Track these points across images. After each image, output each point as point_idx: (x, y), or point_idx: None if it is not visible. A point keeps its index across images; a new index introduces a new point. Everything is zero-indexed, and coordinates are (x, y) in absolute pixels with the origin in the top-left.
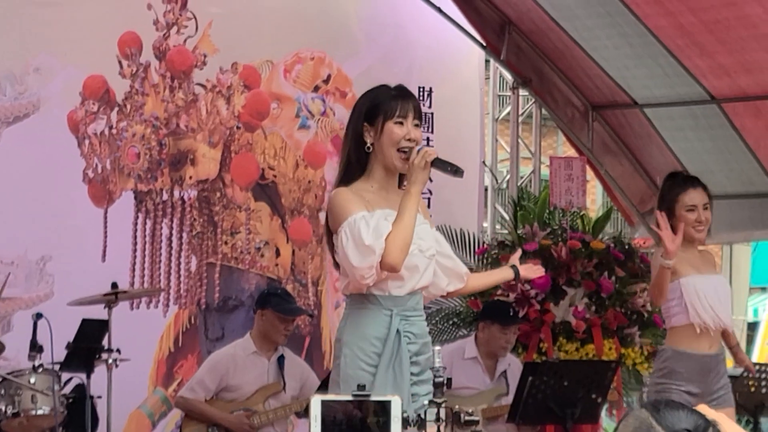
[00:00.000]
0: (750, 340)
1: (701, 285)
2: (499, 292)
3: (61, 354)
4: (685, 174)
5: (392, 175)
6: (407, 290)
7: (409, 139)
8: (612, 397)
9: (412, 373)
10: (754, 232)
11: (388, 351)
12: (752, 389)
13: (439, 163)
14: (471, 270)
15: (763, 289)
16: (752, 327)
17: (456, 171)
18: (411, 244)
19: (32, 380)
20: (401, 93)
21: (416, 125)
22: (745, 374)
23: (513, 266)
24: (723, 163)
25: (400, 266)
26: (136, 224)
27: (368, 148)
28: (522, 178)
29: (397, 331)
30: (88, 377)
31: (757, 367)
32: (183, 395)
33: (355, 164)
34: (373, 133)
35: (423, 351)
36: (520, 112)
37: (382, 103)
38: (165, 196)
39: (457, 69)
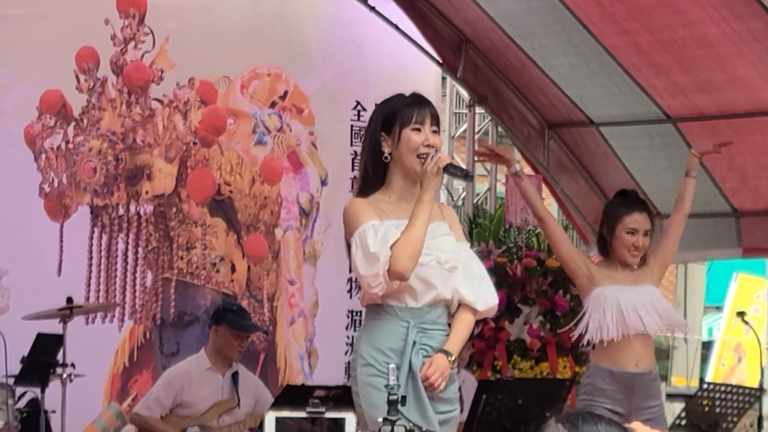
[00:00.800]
0: (704, 359)
1: (615, 294)
2: None
3: (15, 368)
4: (635, 195)
5: (413, 184)
6: (424, 302)
7: (427, 145)
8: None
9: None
10: (709, 251)
11: (405, 363)
12: (706, 408)
13: (451, 169)
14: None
15: (718, 308)
16: (706, 346)
17: (466, 175)
18: (424, 254)
19: None
20: (417, 100)
21: (434, 131)
22: (699, 393)
23: None
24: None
25: (409, 274)
26: (92, 239)
27: (386, 158)
28: (478, 195)
29: (414, 343)
30: (43, 391)
31: (710, 386)
32: (138, 412)
33: (373, 176)
34: (391, 142)
35: None
36: (477, 130)
37: (398, 112)
38: (121, 211)
39: (413, 86)
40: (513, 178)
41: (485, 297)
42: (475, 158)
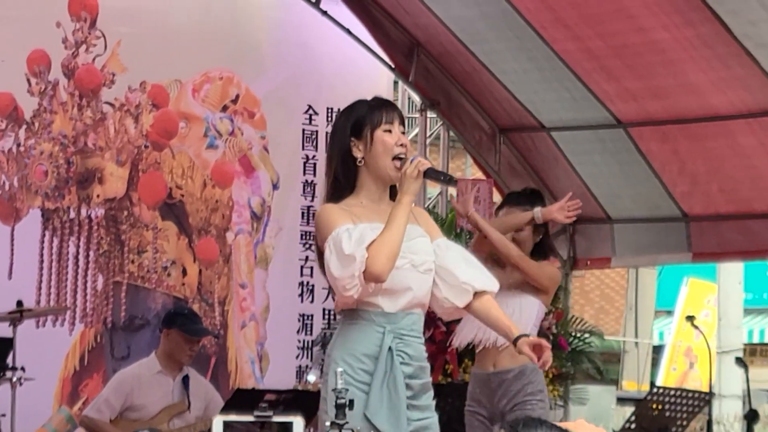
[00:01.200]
0: (655, 363)
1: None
2: None
3: None
4: (529, 192)
5: (384, 187)
6: (399, 307)
7: (401, 145)
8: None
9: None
10: (659, 256)
11: (381, 369)
12: (656, 412)
13: (432, 173)
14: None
15: (669, 312)
16: (657, 350)
17: (449, 180)
18: (399, 257)
19: None
20: (382, 102)
21: (402, 132)
22: (649, 397)
23: None
24: (629, 187)
25: (386, 276)
26: (42, 242)
27: (359, 162)
28: (429, 199)
29: (390, 348)
30: None
31: (661, 390)
32: (88, 414)
33: (344, 182)
34: (363, 146)
35: (419, 375)
36: (428, 134)
37: (367, 115)
38: (72, 214)
39: (365, 90)
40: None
41: (490, 278)
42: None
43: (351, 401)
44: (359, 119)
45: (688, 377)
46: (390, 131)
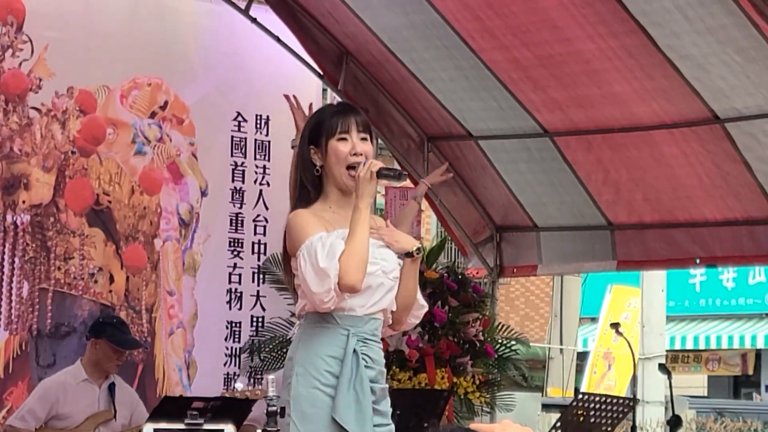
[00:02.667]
0: (579, 369)
1: None
2: None
3: None
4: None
5: (347, 194)
6: (367, 311)
7: (355, 154)
8: (443, 425)
9: None
10: (584, 263)
11: (347, 371)
12: (581, 419)
13: (384, 171)
14: None
15: (593, 319)
16: (581, 356)
17: (399, 175)
18: (371, 263)
19: None
20: (341, 108)
21: (363, 139)
22: (575, 403)
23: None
24: (555, 195)
25: (360, 285)
26: None
27: (317, 170)
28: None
29: (354, 350)
30: None
31: (585, 397)
32: (11, 424)
33: (311, 188)
34: (321, 154)
35: (379, 379)
36: None
37: (323, 123)
38: None
39: None
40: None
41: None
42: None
43: (282, 409)
44: (316, 126)
45: (605, 377)
46: (345, 139)
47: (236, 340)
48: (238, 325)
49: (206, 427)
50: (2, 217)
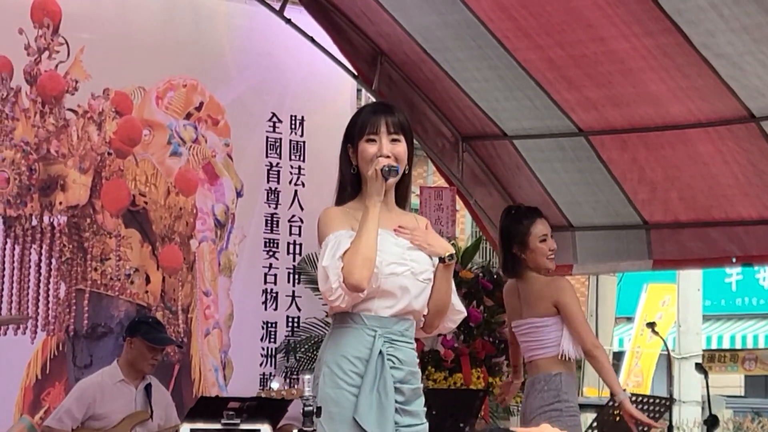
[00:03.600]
0: (616, 369)
1: None
2: None
3: None
4: (523, 207)
5: (385, 194)
6: (394, 312)
7: (384, 156)
8: (479, 426)
9: (395, 401)
10: (619, 263)
11: (371, 373)
12: (617, 419)
13: (386, 168)
14: None
15: (629, 319)
16: (617, 356)
17: (390, 170)
18: (399, 264)
19: None
20: (375, 108)
21: (394, 140)
22: (610, 404)
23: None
24: (590, 195)
25: (365, 284)
26: (4, 250)
27: (353, 169)
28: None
29: (380, 352)
30: None
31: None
32: (49, 425)
33: (349, 187)
34: (354, 154)
35: (409, 380)
36: None
37: (356, 123)
38: (34, 222)
39: (329, 98)
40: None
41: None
42: None
43: (319, 408)
44: (351, 127)
45: (632, 374)
46: (374, 140)
47: (272, 340)
48: (273, 325)
49: (242, 427)
50: (39, 219)
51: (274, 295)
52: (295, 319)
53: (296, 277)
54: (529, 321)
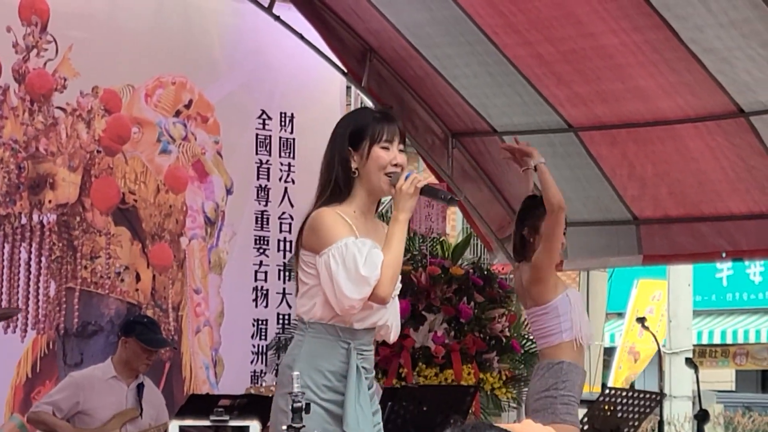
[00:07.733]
0: (606, 365)
1: (576, 298)
2: None
3: None
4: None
5: (374, 200)
6: (368, 324)
7: (395, 164)
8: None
9: None
10: (610, 258)
11: (352, 387)
12: (608, 413)
13: (429, 191)
14: None
15: (619, 314)
16: (608, 352)
17: (450, 199)
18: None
19: None
20: (386, 116)
21: (401, 150)
22: (601, 398)
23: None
24: (580, 191)
25: (389, 298)
26: None
27: (354, 173)
28: (382, 204)
29: (357, 366)
30: None
31: (612, 392)
32: (35, 410)
33: (344, 188)
34: (358, 158)
35: (371, 384)
36: None
37: (368, 127)
38: (24, 220)
39: (318, 95)
40: (536, 169)
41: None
42: None
43: (308, 404)
44: (359, 130)
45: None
46: (388, 148)
47: (263, 337)
48: (264, 322)
49: (232, 424)
50: (28, 217)
51: (265, 292)
52: (286, 316)
53: (287, 274)
54: (532, 310)
